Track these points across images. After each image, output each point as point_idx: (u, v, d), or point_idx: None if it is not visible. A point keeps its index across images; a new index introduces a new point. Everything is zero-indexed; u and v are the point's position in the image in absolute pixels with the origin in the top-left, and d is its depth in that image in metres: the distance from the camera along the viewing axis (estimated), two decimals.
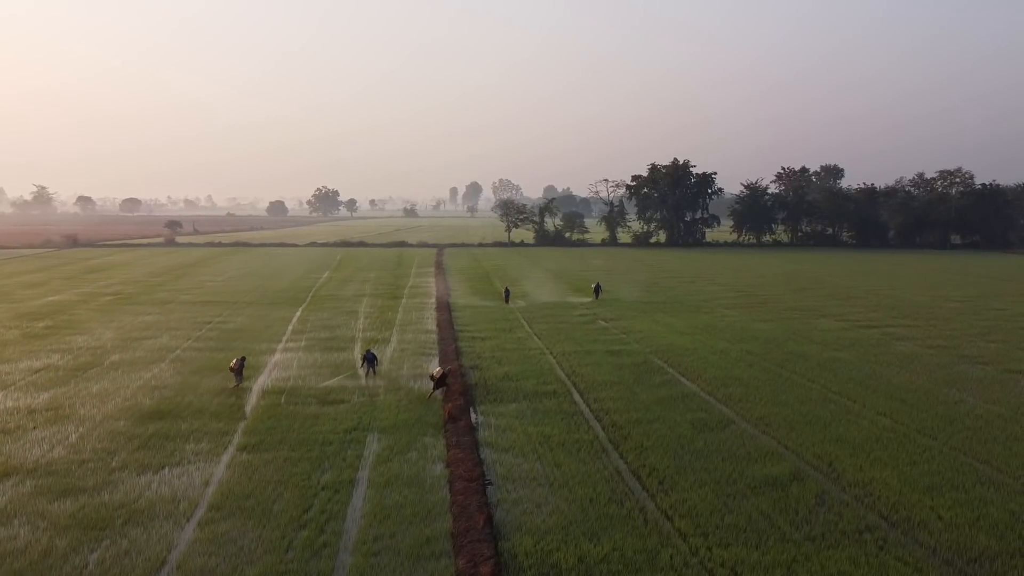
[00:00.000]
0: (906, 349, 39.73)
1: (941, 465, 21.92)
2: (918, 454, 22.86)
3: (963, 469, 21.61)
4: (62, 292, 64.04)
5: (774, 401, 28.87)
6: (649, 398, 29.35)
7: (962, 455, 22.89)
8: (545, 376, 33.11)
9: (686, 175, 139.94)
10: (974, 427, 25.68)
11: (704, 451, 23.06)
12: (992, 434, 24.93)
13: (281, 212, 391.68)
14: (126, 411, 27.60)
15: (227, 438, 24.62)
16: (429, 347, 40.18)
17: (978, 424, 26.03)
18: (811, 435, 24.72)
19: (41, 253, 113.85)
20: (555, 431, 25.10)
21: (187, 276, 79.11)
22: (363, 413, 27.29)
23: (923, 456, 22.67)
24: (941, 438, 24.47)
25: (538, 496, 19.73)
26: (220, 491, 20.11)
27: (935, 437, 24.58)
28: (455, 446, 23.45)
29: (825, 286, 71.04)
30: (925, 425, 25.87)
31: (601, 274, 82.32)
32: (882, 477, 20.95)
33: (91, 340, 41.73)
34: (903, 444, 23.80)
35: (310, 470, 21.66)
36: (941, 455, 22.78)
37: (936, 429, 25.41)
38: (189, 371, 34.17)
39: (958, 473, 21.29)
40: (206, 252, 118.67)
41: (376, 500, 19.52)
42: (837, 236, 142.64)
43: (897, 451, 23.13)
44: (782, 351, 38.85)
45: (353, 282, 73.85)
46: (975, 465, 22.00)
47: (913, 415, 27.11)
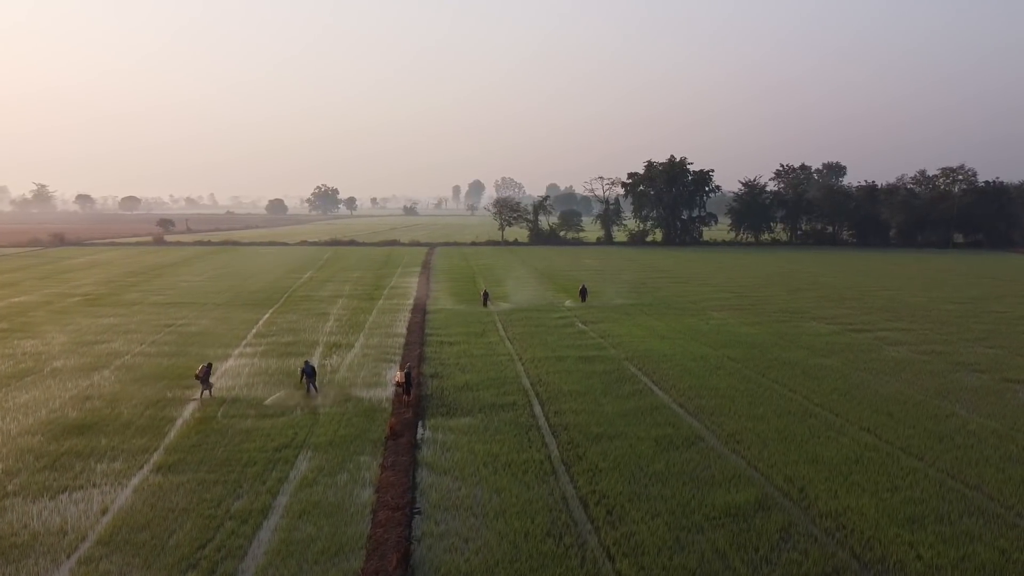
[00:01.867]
0: (898, 355, 37.45)
1: (925, 491, 19.67)
2: (901, 478, 20.62)
3: (950, 496, 19.37)
4: (30, 293, 62.00)
5: (749, 415, 26.63)
6: (615, 410, 27.13)
7: (950, 479, 20.65)
8: (508, 385, 30.92)
9: (683, 172, 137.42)
10: (965, 445, 23.43)
11: (664, 474, 20.85)
12: (984, 453, 22.69)
13: (280, 211, 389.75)
14: (47, 425, 25.50)
15: (144, 456, 22.49)
16: (393, 352, 38.01)
17: (970, 442, 23.77)
18: (785, 454, 22.49)
19: (24, 252, 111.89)
20: (504, 449, 22.91)
21: (164, 276, 77.03)
22: (300, 428, 25.13)
23: (906, 480, 20.43)
24: (928, 458, 22.23)
25: (468, 529, 17.54)
26: (115, 521, 17.97)
27: (921, 457, 22.33)
28: (390, 467, 21.29)
29: (820, 287, 68.70)
30: (911, 443, 23.61)
31: (591, 274, 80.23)
32: (858, 506, 18.72)
33: (40, 345, 39.65)
34: (885, 465, 21.55)
35: (223, 495, 19.51)
36: (926, 479, 20.54)
37: (923, 448, 23.16)
38: (131, 379, 32.07)
39: (944, 501, 19.05)
40: (192, 251, 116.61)
41: (286, 533, 17.36)
42: (837, 235, 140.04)
43: (877, 474, 20.89)
44: (766, 357, 36.60)
45: (333, 282, 71.72)
46: (964, 491, 19.75)
47: (899, 431, 24.86)
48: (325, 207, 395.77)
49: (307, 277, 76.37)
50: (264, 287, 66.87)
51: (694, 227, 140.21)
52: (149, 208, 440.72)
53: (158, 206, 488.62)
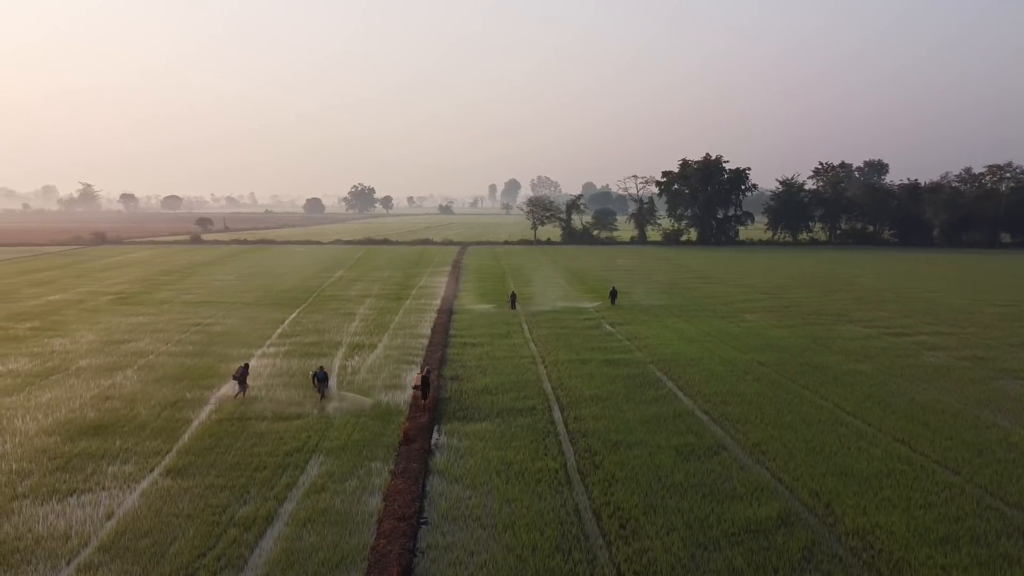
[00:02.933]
0: (937, 361, 35.97)
1: (961, 509, 18.56)
2: (935, 493, 19.52)
3: (987, 515, 18.24)
4: (66, 291, 62.95)
5: (776, 423, 25.62)
6: (636, 417, 26.32)
7: (988, 495, 19.50)
8: (528, 389, 30.26)
9: (718, 171, 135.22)
10: (1006, 459, 22.18)
11: (683, 485, 20.02)
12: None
13: (318, 209, 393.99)
14: (65, 425, 25.50)
15: (156, 459, 22.30)
16: (415, 354, 37.58)
17: (1011, 455, 22.52)
18: (812, 466, 21.49)
19: (65, 250, 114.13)
20: (519, 456, 22.27)
21: (197, 275, 77.80)
22: (314, 431, 24.76)
23: (941, 496, 19.32)
24: (965, 473, 21.06)
25: (474, 541, 16.93)
26: (119, 527, 17.72)
27: (958, 471, 21.17)
28: (400, 474, 20.78)
29: (857, 288, 66.79)
30: (948, 456, 22.43)
31: (622, 274, 79.20)
32: (888, 523, 17.71)
33: (68, 343, 40.01)
34: (919, 480, 20.45)
35: (230, 501, 19.18)
36: (963, 495, 19.41)
37: (960, 461, 21.97)
38: (152, 379, 32.08)
39: (981, 520, 17.94)
40: (227, 250, 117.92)
41: (289, 542, 16.93)
42: (878, 234, 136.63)
43: (910, 489, 19.81)
44: (797, 362, 35.41)
45: (362, 282, 71.71)
46: (1003, 510, 18.60)
47: (935, 442, 23.66)
48: (361, 206, 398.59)
49: (337, 276, 76.51)
50: (294, 286, 67.10)
51: (729, 226, 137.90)
52: (190, 207, 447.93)
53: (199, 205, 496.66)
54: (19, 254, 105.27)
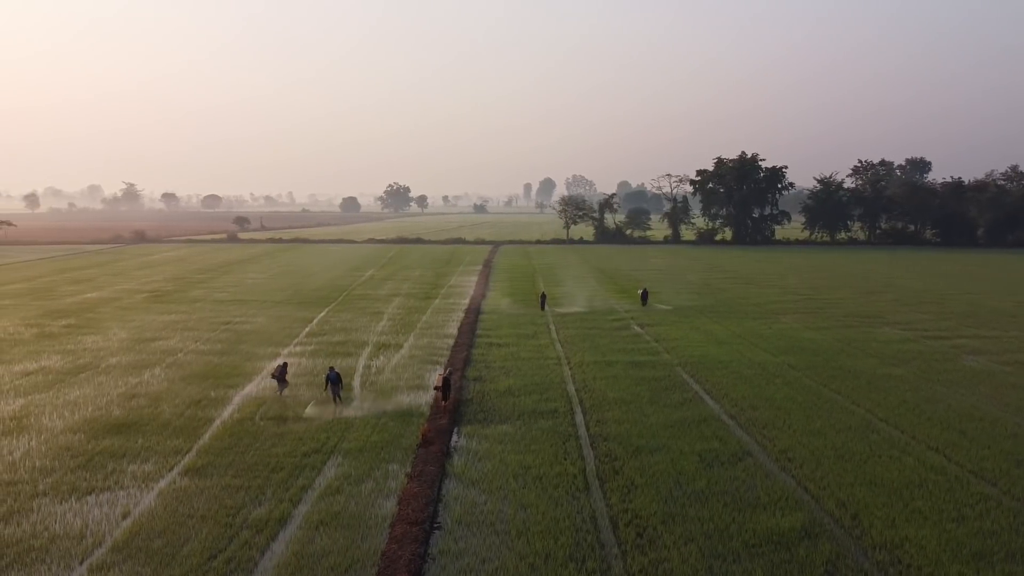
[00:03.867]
0: (976, 365, 34.77)
1: (997, 522, 17.75)
2: (969, 505, 18.71)
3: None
4: (102, 289, 64.09)
5: (805, 429, 24.89)
6: (660, 421, 25.78)
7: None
8: (551, 391, 29.86)
9: (754, 169, 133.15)
10: None
11: (704, 493, 19.47)
12: None
13: (354, 208, 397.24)
14: (90, 422, 25.76)
15: (176, 458, 22.37)
16: (440, 354, 37.39)
17: None
18: (840, 475, 20.78)
19: (106, 249, 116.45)
20: (538, 461, 21.90)
21: (232, 273, 78.72)
22: (333, 432, 24.67)
23: (975, 509, 18.52)
24: (1002, 484, 20.18)
25: (487, 548, 16.61)
26: (134, 526, 17.75)
27: (995, 483, 20.30)
28: (416, 477, 20.54)
29: (895, 289, 65.12)
30: (984, 465, 21.54)
31: (654, 274, 78.35)
32: (918, 536, 16.99)
33: (101, 341, 40.60)
34: (952, 491, 19.65)
35: (245, 502, 19.12)
36: (999, 508, 18.57)
37: (998, 472, 21.07)
38: (178, 377, 32.35)
39: (1017, 535, 17.13)
40: (262, 248, 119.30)
41: (300, 545, 16.78)
42: (919, 234, 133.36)
43: (943, 500, 19.02)
44: (830, 366, 34.48)
45: (392, 281, 71.90)
46: None
47: (972, 451, 22.76)
48: (397, 205, 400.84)
49: (368, 275, 76.82)
50: (324, 285, 67.50)
51: (765, 226, 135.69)
52: (230, 206, 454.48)
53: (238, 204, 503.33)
54: (61, 252, 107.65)
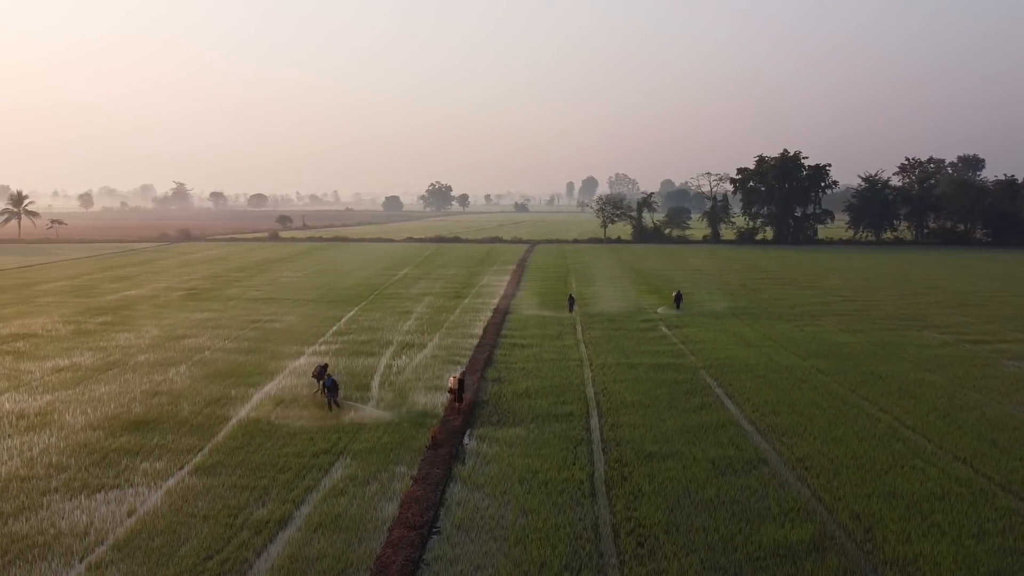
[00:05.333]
0: (1017, 372, 33.40)
1: (1020, 540, 16.89)
2: (993, 521, 17.85)
3: None
4: (142, 287, 65.45)
5: (826, 436, 24.10)
6: (676, 425, 25.23)
7: None
8: (569, 393, 29.48)
9: (796, 167, 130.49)
10: None
11: (713, 502, 18.93)
12: None
13: (396, 207, 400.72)
14: (111, 419, 26.17)
15: (188, 457, 22.57)
16: (463, 354, 37.25)
17: None
18: (858, 485, 20.04)
19: (151, 247, 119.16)
20: (546, 465, 21.57)
21: (268, 271, 79.82)
22: (344, 433, 24.64)
23: (998, 524, 17.65)
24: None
25: (483, 554, 16.35)
26: (137, 525, 17.91)
27: (1023, 497, 19.35)
28: (421, 480, 20.38)
29: (939, 291, 63.11)
30: (1014, 478, 20.57)
31: (689, 274, 77.29)
32: (934, 553, 16.24)
33: (133, 338, 41.36)
34: (976, 505, 18.77)
35: (248, 502, 19.17)
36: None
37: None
38: (202, 375, 32.75)
39: None
40: (301, 247, 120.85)
41: (296, 548, 16.73)
42: (969, 233, 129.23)
43: (965, 515, 18.18)
44: (860, 370, 33.44)
45: (425, 280, 72.09)
46: None
47: (1001, 462, 21.77)
48: (438, 204, 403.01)
49: (402, 274, 77.17)
50: (357, 283, 68.00)
51: (808, 225, 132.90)
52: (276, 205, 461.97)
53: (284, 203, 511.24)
54: (108, 250, 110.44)
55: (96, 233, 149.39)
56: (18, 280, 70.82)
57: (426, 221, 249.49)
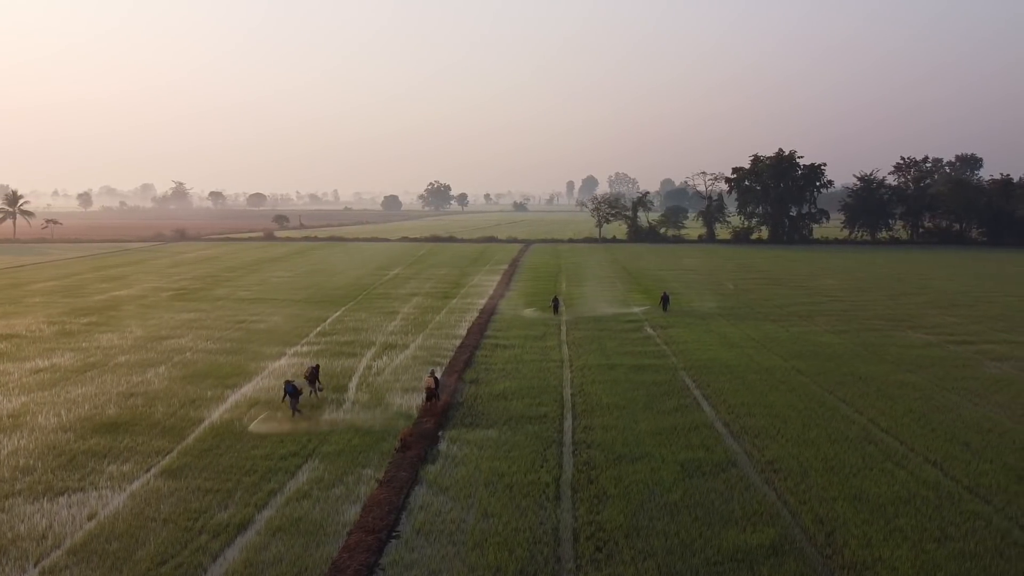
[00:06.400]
0: (998, 372, 33.28)
1: (982, 544, 16.77)
2: (956, 525, 17.74)
3: (1010, 552, 16.41)
4: (132, 287, 65.34)
5: (799, 439, 24.00)
6: (649, 428, 25.12)
7: (1018, 529, 17.61)
8: (546, 395, 29.37)
9: (792, 166, 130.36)
10: None
11: (677, 505, 18.83)
12: None
13: (395, 207, 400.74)
14: (84, 421, 26.06)
15: (156, 459, 22.47)
16: (445, 355, 37.14)
17: None
18: (824, 488, 19.93)
19: (145, 247, 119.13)
20: (513, 467, 21.47)
21: (260, 271, 79.73)
22: (315, 435, 24.52)
23: (961, 528, 17.53)
24: (997, 502, 19.12)
25: (439, 559, 16.25)
26: (96, 528, 17.82)
27: (989, 500, 19.24)
28: (386, 483, 20.28)
29: (930, 291, 63.00)
30: (982, 481, 20.46)
31: (681, 274, 77.25)
32: (892, 557, 16.14)
33: (116, 339, 41.26)
34: (941, 508, 18.66)
35: (210, 505, 19.07)
36: (987, 528, 17.57)
37: (995, 488, 19.99)
38: (180, 376, 32.64)
39: (1000, 558, 16.15)
40: (296, 247, 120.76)
41: (253, 552, 16.63)
42: (965, 233, 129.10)
43: (928, 518, 18.07)
44: (841, 371, 33.34)
45: (416, 280, 72.01)
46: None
47: (972, 465, 21.66)
48: (437, 203, 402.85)
49: (393, 274, 77.08)
50: (347, 283, 67.91)
51: (803, 224, 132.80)
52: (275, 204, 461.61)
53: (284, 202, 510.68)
54: (102, 250, 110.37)
55: (92, 233, 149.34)
56: (8, 280, 70.77)
57: (423, 221, 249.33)
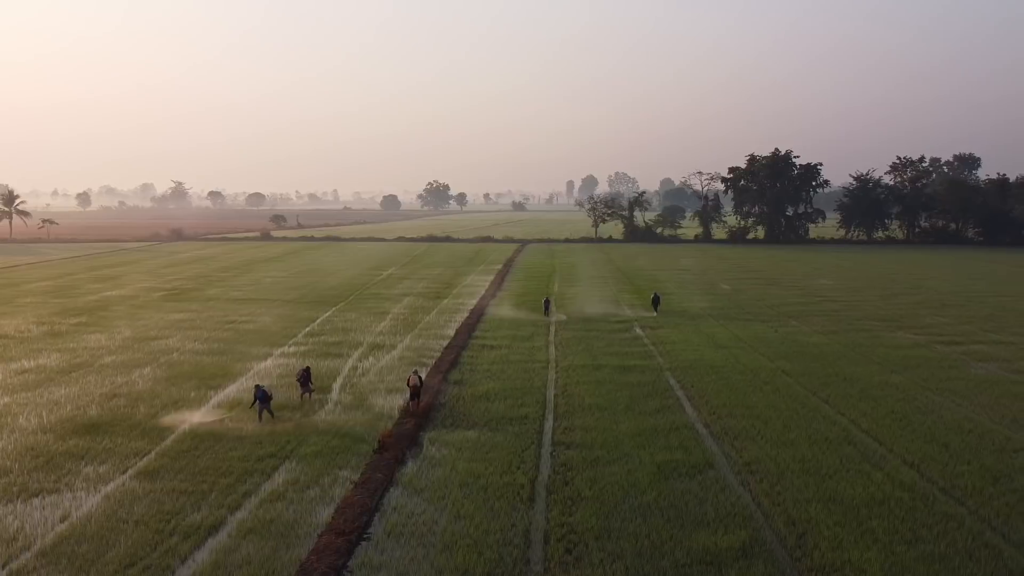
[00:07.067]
0: (983, 373, 33.26)
1: (952, 546, 16.74)
2: (928, 526, 17.71)
3: (980, 554, 16.38)
4: (124, 287, 65.29)
5: (778, 440, 23.98)
6: (629, 429, 25.10)
7: (989, 531, 17.58)
8: (529, 396, 29.34)
9: (788, 166, 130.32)
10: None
11: (650, 507, 18.81)
12: None
13: (394, 206, 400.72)
14: (65, 422, 26.03)
15: (133, 461, 22.44)
16: (431, 355, 37.12)
17: None
18: (800, 490, 19.91)
19: (141, 247, 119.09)
20: (489, 469, 21.45)
21: (254, 271, 79.70)
22: (294, 436, 24.50)
23: (933, 530, 17.50)
24: (971, 503, 19.10)
25: (407, 561, 16.23)
26: (67, 530, 17.80)
27: (963, 502, 19.22)
28: (361, 484, 20.26)
29: (922, 291, 62.97)
30: (958, 482, 20.44)
31: (675, 274, 77.24)
32: (861, 560, 16.11)
33: (104, 339, 41.23)
34: (914, 510, 18.64)
35: (184, 507, 19.05)
36: (959, 530, 17.54)
37: (970, 489, 19.97)
38: (165, 377, 32.61)
39: (970, 560, 16.13)
40: (292, 246, 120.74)
41: (222, 554, 16.61)
42: (961, 233, 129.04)
43: (901, 520, 18.05)
44: (826, 372, 33.32)
45: (409, 280, 71.98)
46: (1001, 548, 16.70)
47: (949, 466, 21.64)
48: (436, 203, 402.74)
49: (386, 274, 77.04)
50: (340, 284, 67.87)
51: (799, 224, 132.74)
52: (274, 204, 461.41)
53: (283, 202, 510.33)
54: (97, 250, 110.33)
55: (88, 232, 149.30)
56: (1, 280, 70.72)
57: (421, 220, 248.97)
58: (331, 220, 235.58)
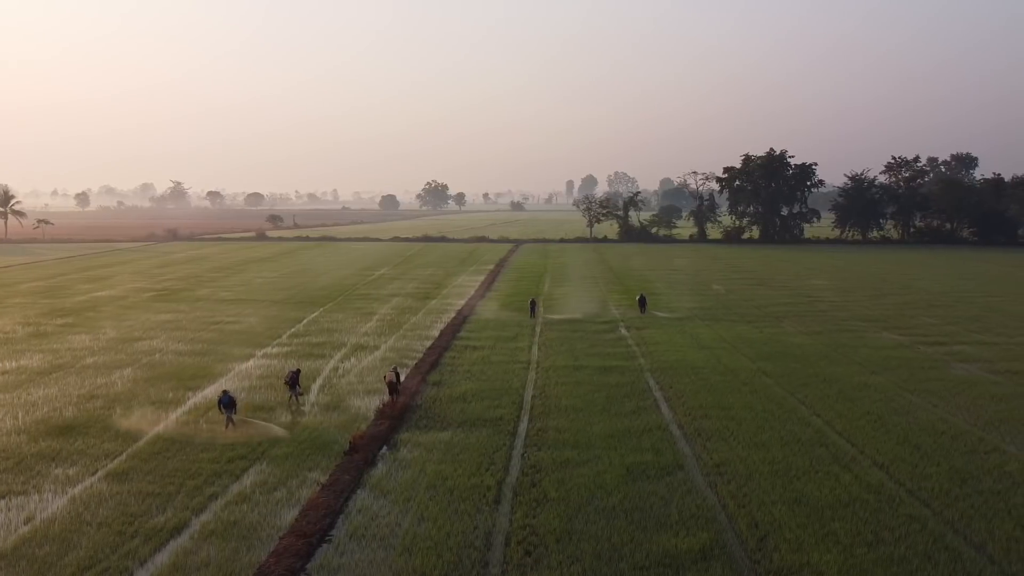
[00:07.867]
0: (964, 374, 33.23)
1: (912, 548, 16.74)
2: (890, 528, 17.70)
3: (939, 556, 16.37)
4: (115, 288, 65.30)
5: (750, 441, 23.96)
6: (603, 430, 25.09)
7: (951, 533, 17.57)
8: (506, 397, 29.32)
9: (783, 166, 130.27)
10: (991, 490, 20.02)
11: (615, 509, 18.80)
12: (1012, 502, 19.26)
13: (393, 206, 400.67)
14: (39, 424, 26.03)
15: (104, 462, 22.44)
16: (414, 356, 37.11)
17: (999, 486, 20.32)
18: (767, 492, 19.90)
19: (136, 247, 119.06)
20: (458, 471, 21.44)
21: (245, 272, 79.68)
22: (267, 437, 24.49)
23: (895, 532, 17.50)
24: (936, 505, 19.08)
25: (367, 564, 16.23)
26: (30, 532, 17.82)
27: (928, 503, 19.20)
28: (328, 486, 20.26)
29: (912, 291, 62.94)
30: (925, 484, 20.43)
31: (669, 274, 77.26)
32: (820, 562, 16.10)
33: (88, 340, 41.22)
34: (879, 512, 18.63)
35: (148, 509, 19.05)
36: (921, 532, 17.53)
37: (936, 491, 19.95)
38: (145, 378, 32.61)
39: (928, 562, 16.12)
40: (285, 246, 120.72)
41: (182, 557, 16.61)
42: (956, 232, 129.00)
43: (864, 522, 18.04)
44: (807, 372, 33.31)
45: (400, 280, 71.96)
46: (960, 550, 16.68)
47: (919, 468, 21.62)
48: (435, 203, 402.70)
49: (378, 274, 77.01)
50: (330, 284, 67.86)
51: (794, 224, 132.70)
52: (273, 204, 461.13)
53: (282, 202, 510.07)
54: (91, 250, 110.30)
55: (84, 233, 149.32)
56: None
57: (419, 220, 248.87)
58: (328, 220, 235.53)
